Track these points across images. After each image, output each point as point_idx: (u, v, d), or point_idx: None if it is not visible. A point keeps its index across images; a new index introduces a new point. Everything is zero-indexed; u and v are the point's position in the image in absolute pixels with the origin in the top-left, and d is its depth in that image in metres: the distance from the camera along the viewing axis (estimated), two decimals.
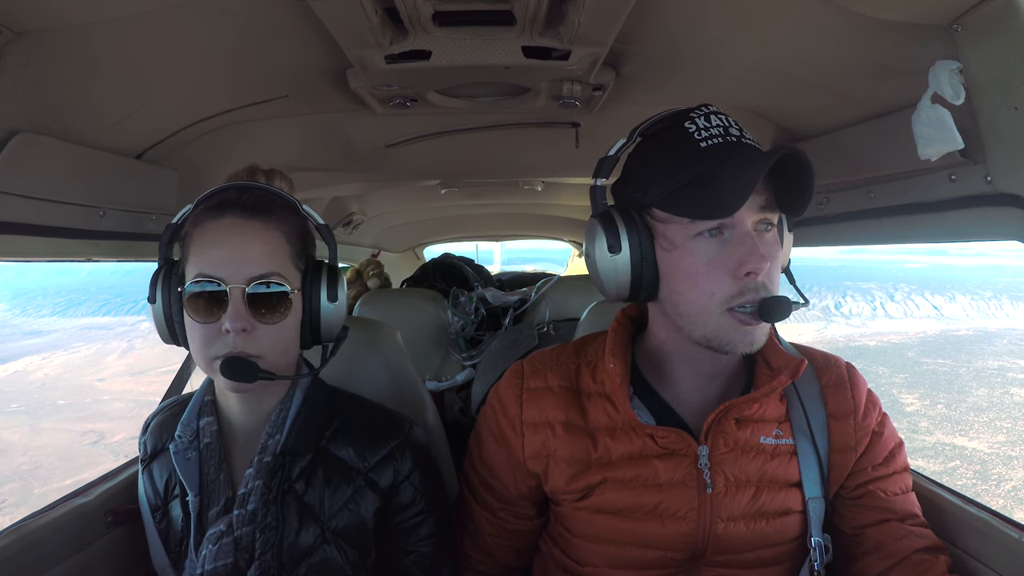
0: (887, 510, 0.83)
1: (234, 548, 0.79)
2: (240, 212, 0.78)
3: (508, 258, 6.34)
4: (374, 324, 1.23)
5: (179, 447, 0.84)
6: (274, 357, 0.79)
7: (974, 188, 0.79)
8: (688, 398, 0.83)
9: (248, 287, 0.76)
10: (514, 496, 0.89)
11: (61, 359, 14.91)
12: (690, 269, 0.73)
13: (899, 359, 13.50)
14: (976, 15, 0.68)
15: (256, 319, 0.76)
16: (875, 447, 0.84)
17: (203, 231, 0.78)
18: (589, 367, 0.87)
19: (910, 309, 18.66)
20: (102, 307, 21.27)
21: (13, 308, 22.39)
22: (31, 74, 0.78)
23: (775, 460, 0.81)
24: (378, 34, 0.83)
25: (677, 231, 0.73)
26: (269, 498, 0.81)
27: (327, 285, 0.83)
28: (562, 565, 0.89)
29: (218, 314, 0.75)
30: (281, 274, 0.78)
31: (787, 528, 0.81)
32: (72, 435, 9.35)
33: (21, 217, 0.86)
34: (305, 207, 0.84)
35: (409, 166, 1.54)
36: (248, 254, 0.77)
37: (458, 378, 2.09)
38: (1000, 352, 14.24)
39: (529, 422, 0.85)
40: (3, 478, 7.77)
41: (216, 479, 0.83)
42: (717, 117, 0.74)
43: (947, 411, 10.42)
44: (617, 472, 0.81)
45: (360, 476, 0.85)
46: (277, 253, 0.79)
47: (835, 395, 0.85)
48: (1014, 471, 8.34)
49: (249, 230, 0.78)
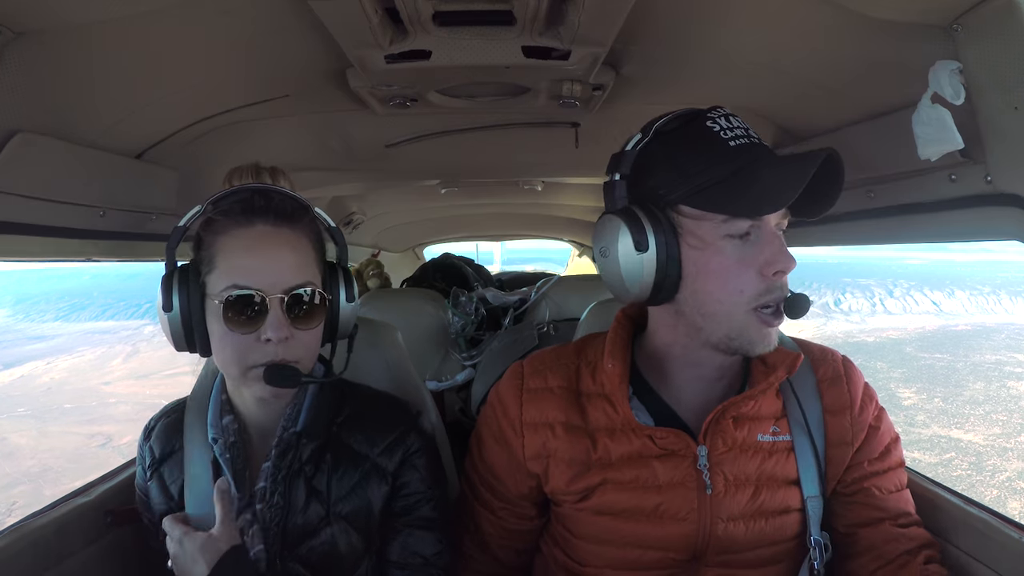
0: (880, 508, 0.83)
1: (264, 536, 0.81)
2: (271, 219, 0.79)
3: (508, 258, 6.35)
4: (374, 324, 1.23)
5: (221, 449, 0.84)
6: (308, 360, 0.81)
7: (974, 188, 0.79)
8: (688, 399, 0.83)
9: (287, 296, 0.77)
10: (515, 496, 0.89)
11: (66, 363, 14.94)
12: (720, 267, 0.72)
13: (897, 354, 13.53)
14: (976, 15, 0.68)
15: (295, 326, 0.78)
16: (871, 441, 0.84)
17: (231, 239, 0.78)
18: (589, 367, 0.86)
19: (909, 305, 18.69)
20: (105, 311, 21.31)
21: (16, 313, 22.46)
22: (31, 74, 0.78)
23: (773, 458, 0.81)
24: (378, 34, 0.83)
25: (708, 229, 0.72)
26: (279, 477, 0.82)
27: (345, 286, 0.85)
28: (563, 565, 0.89)
29: (256, 324, 0.76)
30: (313, 281, 0.80)
31: (786, 526, 0.81)
32: (80, 438, 9.37)
33: (21, 217, 0.86)
34: (317, 209, 0.85)
35: (409, 166, 1.54)
36: (282, 263, 0.78)
37: (458, 378, 2.09)
38: (998, 347, 14.26)
39: (529, 423, 0.85)
40: (13, 481, 7.82)
41: (243, 475, 0.84)
42: (735, 119, 0.74)
43: (944, 405, 10.46)
44: (617, 473, 0.81)
45: (368, 462, 0.86)
46: (308, 260, 0.81)
47: (831, 389, 0.85)
48: (1008, 462, 8.39)
49: (281, 239, 0.79)
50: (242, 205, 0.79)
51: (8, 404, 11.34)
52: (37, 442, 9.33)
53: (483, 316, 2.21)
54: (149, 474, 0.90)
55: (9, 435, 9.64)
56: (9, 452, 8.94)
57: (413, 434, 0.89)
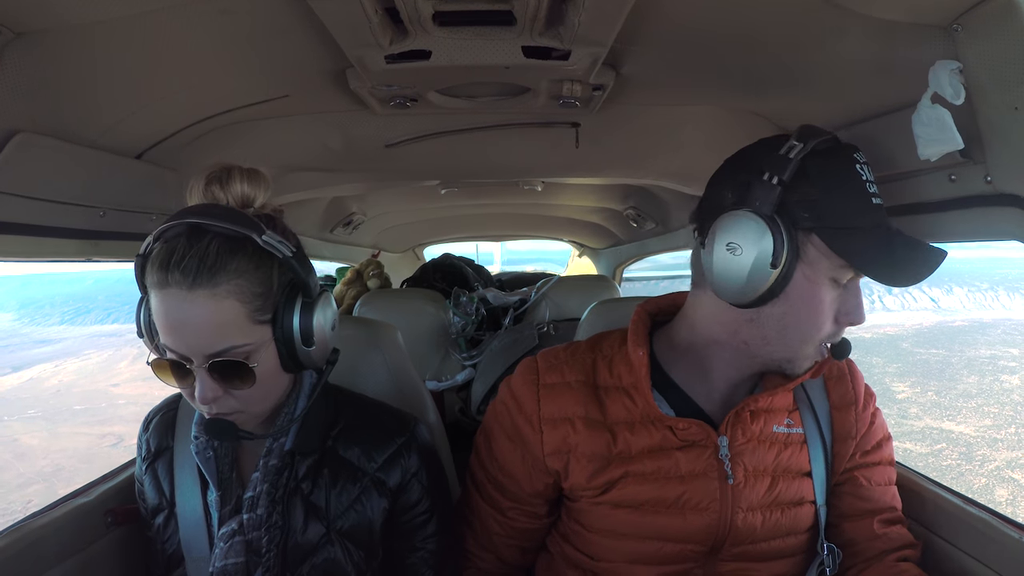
0: (867, 500, 0.86)
1: (245, 548, 0.80)
2: (187, 280, 0.69)
3: (508, 258, 6.34)
4: (374, 324, 1.23)
5: (200, 447, 0.84)
6: (255, 408, 0.78)
7: (974, 188, 0.79)
8: (710, 392, 0.84)
9: (207, 364, 0.72)
10: (527, 494, 0.89)
11: (74, 366, 15.06)
12: (818, 304, 0.74)
13: (893, 350, 13.70)
14: (976, 15, 0.68)
15: (225, 387, 0.74)
16: (867, 435, 0.88)
17: (154, 293, 0.72)
18: (606, 361, 0.87)
19: (907, 302, 18.80)
20: (110, 315, 21.45)
21: (22, 318, 22.62)
22: (31, 74, 0.77)
23: (788, 449, 0.84)
24: (378, 34, 0.83)
25: (825, 266, 0.74)
26: (275, 497, 0.81)
27: (300, 327, 0.76)
28: (574, 562, 0.89)
29: (190, 380, 0.73)
30: (238, 345, 0.72)
31: (800, 518, 0.83)
32: (91, 438, 9.46)
33: (21, 217, 0.86)
34: (266, 238, 0.73)
35: (409, 166, 1.53)
36: (198, 331, 0.70)
37: (458, 378, 2.10)
38: (993, 342, 14.44)
39: (548, 418, 0.85)
40: (27, 480, 7.90)
41: (229, 477, 0.84)
42: (869, 168, 0.75)
43: (937, 398, 10.63)
44: (638, 466, 0.81)
45: (367, 476, 0.85)
46: (231, 321, 0.72)
47: (837, 386, 0.89)
48: (998, 452, 8.56)
49: (193, 305, 0.70)
50: (164, 254, 0.71)
51: (18, 406, 11.45)
52: (49, 443, 9.43)
53: (483, 316, 2.21)
54: (144, 467, 0.91)
55: (20, 436, 9.75)
56: (22, 452, 9.05)
57: (413, 448, 0.88)
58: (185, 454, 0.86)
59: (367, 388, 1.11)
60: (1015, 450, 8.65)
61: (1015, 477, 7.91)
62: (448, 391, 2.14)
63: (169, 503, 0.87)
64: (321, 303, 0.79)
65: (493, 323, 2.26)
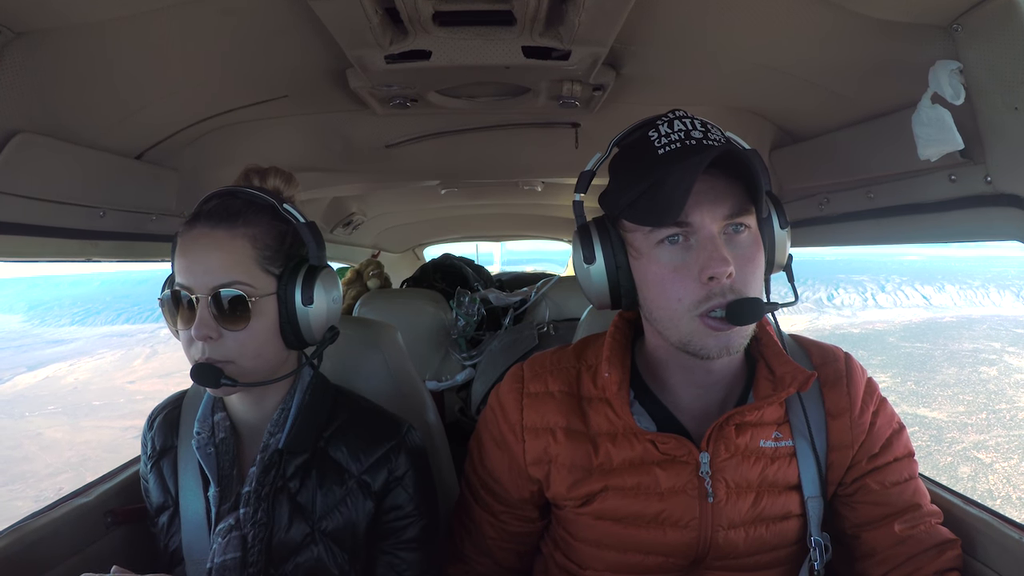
0: (883, 504, 0.81)
1: (242, 543, 0.80)
2: (209, 222, 0.79)
3: (508, 259, 6.35)
4: (374, 324, 1.23)
5: (201, 443, 0.85)
6: (246, 362, 0.79)
7: (974, 188, 0.79)
8: (687, 404, 0.82)
9: (210, 296, 0.76)
10: (516, 500, 0.89)
11: (88, 365, 15.31)
12: (656, 276, 0.73)
13: (879, 344, 14.04)
14: (976, 15, 0.68)
15: (222, 326, 0.77)
16: (871, 438, 0.82)
17: (181, 241, 0.80)
18: (590, 371, 0.86)
19: (900, 299, 18.97)
20: (120, 315, 21.79)
21: (32, 319, 22.96)
22: (31, 74, 0.78)
23: (775, 464, 0.80)
24: (378, 34, 0.83)
25: (641, 240, 0.74)
26: (262, 494, 0.82)
27: (302, 288, 0.81)
28: (563, 568, 0.89)
29: (191, 321, 0.77)
30: (243, 281, 0.78)
31: (786, 532, 0.81)
32: (114, 431, 9.76)
33: (21, 217, 0.86)
34: (287, 206, 0.83)
35: (409, 166, 1.53)
36: (210, 263, 0.77)
37: (458, 378, 2.10)
38: (977, 336, 14.85)
39: (530, 427, 0.85)
40: (56, 470, 8.34)
41: (230, 474, 0.85)
42: (681, 122, 0.74)
43: (915, 387, 11.15)
44: (618, 479, 0.80)
45: (352, 479, 0.85)
46: (241, 261, 0.79)
47: (833, 392, 0.83)
48: (966, 435, 9.11)
49: (212, 240, 0.78)
50: (197, 210, 0.82)
51: (38, 403, 11.78)
52: (72, 436, 9.76)
53: (483, 316, 2.21)
54: (150, 465, 0.91)
55: (44, 430, 10.11)
56: (47, 445, 9.40)
57: (401, 453, 0.88)
58: (189, 452, 0.86)
59: (367, 388, 1.11)
60: (983, 433, 9.16)
61: (979, 456, 8.38)
62: (448, 391, 2.14)
63: (174, 501, 0.88)
64: (326, 274, 0.85)
65: (493, 323, 2.26)
